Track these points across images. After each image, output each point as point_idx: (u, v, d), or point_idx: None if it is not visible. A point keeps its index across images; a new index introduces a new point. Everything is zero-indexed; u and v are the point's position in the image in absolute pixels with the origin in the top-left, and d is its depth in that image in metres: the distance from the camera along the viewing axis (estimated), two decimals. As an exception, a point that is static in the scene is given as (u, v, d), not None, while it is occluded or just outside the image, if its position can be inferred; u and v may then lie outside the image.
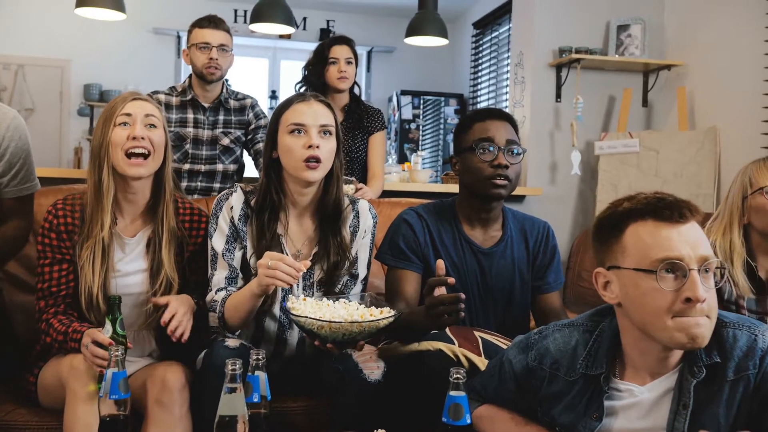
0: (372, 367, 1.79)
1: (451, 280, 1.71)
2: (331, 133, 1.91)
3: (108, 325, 1.74)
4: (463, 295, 1.67)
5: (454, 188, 3.60)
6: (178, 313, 1.83)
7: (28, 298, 2.35)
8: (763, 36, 3.27)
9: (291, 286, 1.79)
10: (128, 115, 1.90)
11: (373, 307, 1.76)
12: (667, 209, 1.29)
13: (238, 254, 1.95)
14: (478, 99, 6.62)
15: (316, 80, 3.05)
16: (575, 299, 2.91)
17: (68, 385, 1.73)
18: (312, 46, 6.72)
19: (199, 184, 3.05)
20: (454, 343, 1.85)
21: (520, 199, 3.78)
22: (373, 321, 1.66)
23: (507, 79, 5.98)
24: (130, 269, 1.97)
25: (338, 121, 1.98)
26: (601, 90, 3.95)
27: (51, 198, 2.43)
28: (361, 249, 2.04)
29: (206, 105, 3.01)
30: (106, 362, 1.67)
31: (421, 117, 7.06)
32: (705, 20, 3.72)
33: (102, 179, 1.89)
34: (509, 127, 2.04)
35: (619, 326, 1.40)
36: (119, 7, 3.50)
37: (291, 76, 7.21)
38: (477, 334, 1.95)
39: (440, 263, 1.77)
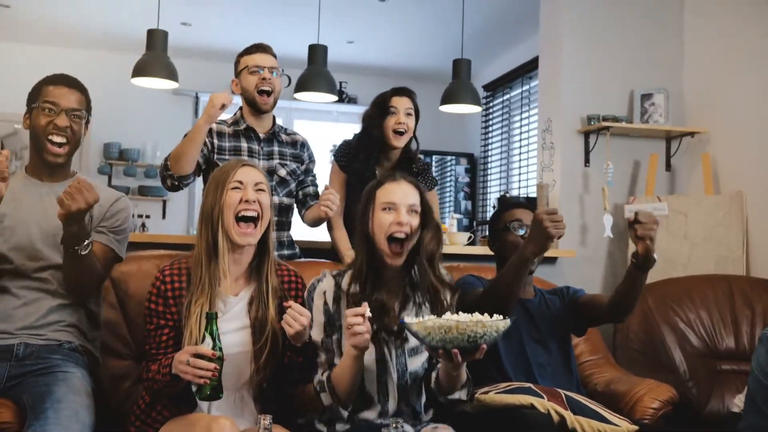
0: None
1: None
2: (416, 212, 2.13)
3: (208, 339, 1.82)
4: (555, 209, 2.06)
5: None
6: (305, 317, 1.96)
7: (114, 362, 2.43)
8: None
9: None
10: (240, 181, 2.07)
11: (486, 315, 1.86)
12: None
13: (335, 338, 2.10)
14: (489, 158, 6.82)
15: (376, 131, 2.95)
16: (626, 361, 3.01)
17: None
18: (323, 106, 7.04)
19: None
20: (543, 398, 2.04)
21: (553, 260, 3.92)
22: (494, 322, 1.79)
23: (518, 140, 6.20)
24: (231, 327, 2.04)
25: (425, 196, 2.18)
26: (626, 155, 4.14)
27: (133, 264, 2.54)
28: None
29: (261, 135, 2.95)
30: (209, 373, 1.78)
31: (432, 175, 7.24)
32: (723, 88, 3.95)
33: (217, 240, 2.02)
34: (530, 213, 2.42)
35: None
36: (173, 77, 3.65)
37: (303, 134, 7.37)
38: (558, 390, 2.15)
39: None
